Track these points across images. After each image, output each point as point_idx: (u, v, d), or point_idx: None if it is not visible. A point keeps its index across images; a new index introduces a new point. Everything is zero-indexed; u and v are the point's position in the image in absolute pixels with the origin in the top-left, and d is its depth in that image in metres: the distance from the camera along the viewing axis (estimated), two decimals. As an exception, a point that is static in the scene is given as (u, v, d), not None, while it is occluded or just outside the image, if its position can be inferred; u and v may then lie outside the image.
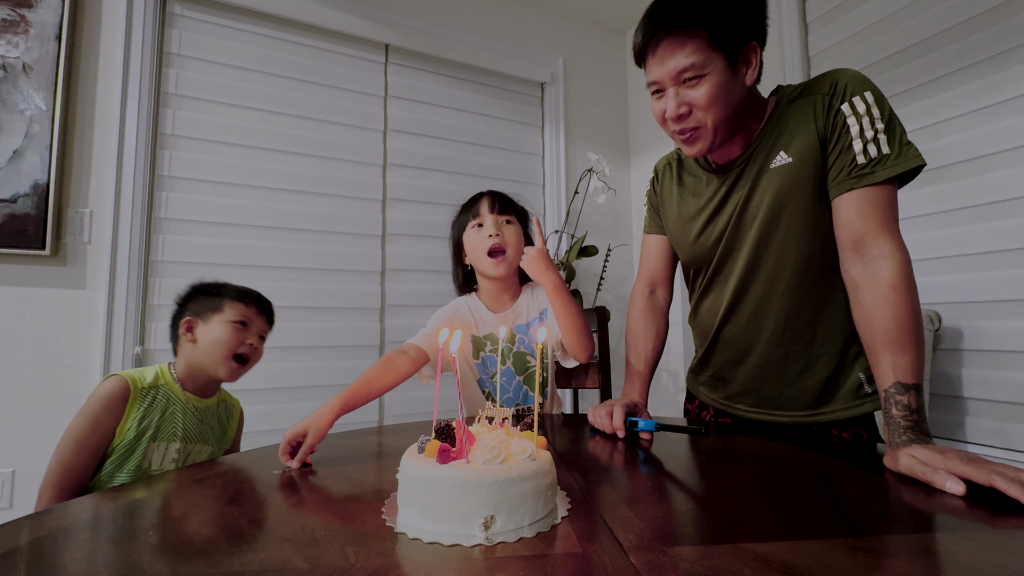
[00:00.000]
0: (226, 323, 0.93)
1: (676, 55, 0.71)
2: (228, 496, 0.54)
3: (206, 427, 0.94)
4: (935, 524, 0.43)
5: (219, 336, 0.92)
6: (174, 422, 0.88)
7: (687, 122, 0.75)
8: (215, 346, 0.92)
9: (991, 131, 1.33)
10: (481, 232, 1.01)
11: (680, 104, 0.73)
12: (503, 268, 1.01)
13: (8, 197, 1.40)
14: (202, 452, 0.93)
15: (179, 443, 0.88)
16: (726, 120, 0.74)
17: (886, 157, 0.67)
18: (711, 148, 0.77)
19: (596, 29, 2.44)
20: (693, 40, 0.70)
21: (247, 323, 0.96)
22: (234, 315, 0.94)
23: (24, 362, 1.41)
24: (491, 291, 1.08)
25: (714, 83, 0.71)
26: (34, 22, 1.45)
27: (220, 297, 0.96)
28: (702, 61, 0.70)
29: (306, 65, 1.84)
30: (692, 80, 0.72)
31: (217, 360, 0.92)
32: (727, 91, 0.72)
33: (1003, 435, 1.30)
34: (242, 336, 0.94)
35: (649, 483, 0.56)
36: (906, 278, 0.64)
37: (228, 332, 0.93)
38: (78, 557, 0.38)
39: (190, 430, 0.90)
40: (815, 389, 0.80)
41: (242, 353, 0.95)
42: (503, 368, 1.04)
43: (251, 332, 0.96)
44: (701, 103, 0.72)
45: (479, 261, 1.03)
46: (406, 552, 0.38)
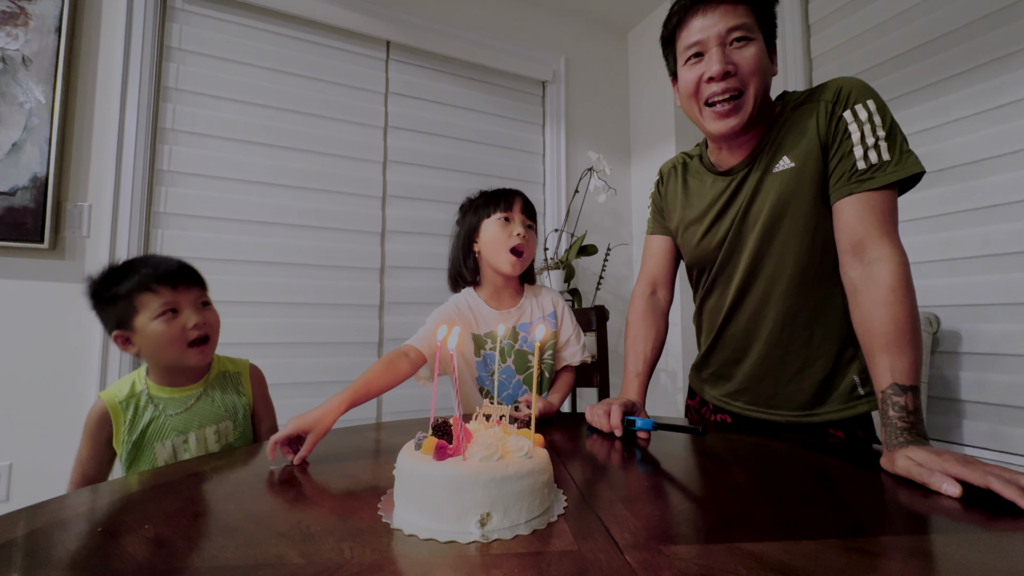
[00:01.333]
0: (153, 320, 0.80)
1: (727, 14, 0.74)
2: (225, 491, 0.54)
3: (207, 409, 0.88)
4: (931, 526, 0.43)
5: (157, 336, 0.80)
6: (166, 421, 0.85)
7: (730, 82, 0.74)
8: (160, 347, 0.81)
9: (993, 134, 1.33)
10: (508, 228, 1.02)
11: (726, 62, 0.73)
12: (520, 267, 1.03)
13: (7, 190, 1.40)
14: (220, 431, 0.88)
15: (182, 435, 0.85)
16: (760, 97, 0.76)
17: (886, 163, 0.68)
18: (744, 123, 0.76)
19: (598, 28, 2.44)
20: (742, 5, 0.74)
21: (175, 307, 0.82)
22: (155, 309, 0.81)
23: (21, 356, 1.41)
24: (495, 287, 1.07)
25: (759, 49, 0.75)
26: (34, 14, 1.45)
27: (125, 299, 0.81)
28: (752, 24, 0.74)
29: (307, 61, 1.83)
30: (741, 41, 0.74)
31: (175, 356, 0.83)
32: (765, 67, 0.76)
33: (998, 438, 1.31)
34: (179, 322, 0.82)
35: (646, 482, 0.56)
36: (904, 281, 0.65)
37: (161, 328, 0.80)
38: (73, 550, 0.38)
39: (187, 421, 0.87)
40: (810, 390, 0.80)
41: (194, 338, 0.83)
42: (503, 366, 1.04)
43: (186, 312, 0.83)
44: (747, 66, 0.74)
45: (497, 254, 1.02)
46: (401, 548, 0.38)
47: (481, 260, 1.07)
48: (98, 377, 1.46)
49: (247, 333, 1.67)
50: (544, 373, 1.07)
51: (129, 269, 0.83)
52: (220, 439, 0.89)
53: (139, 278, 0.81)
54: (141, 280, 0.81)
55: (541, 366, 1.06)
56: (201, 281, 0.89)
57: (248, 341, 1.66)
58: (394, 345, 1.89)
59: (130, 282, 0.81)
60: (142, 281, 0.81)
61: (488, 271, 1.07)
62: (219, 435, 0.89)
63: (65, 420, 1.44)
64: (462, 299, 1.07)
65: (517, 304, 1.08)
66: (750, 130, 0.79)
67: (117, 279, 0.82)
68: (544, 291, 1.13)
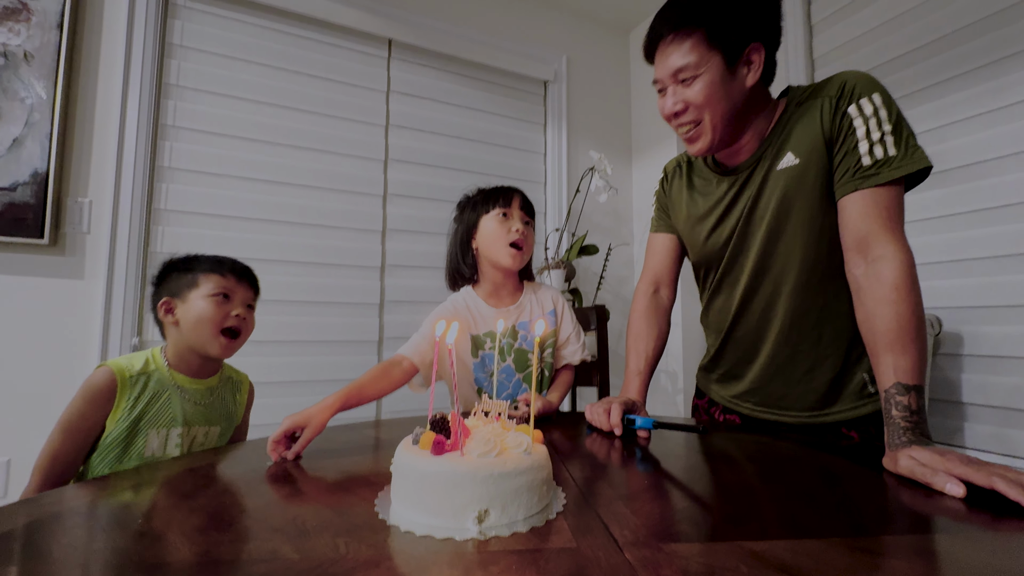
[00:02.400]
0: (205, 298, 0.87)
1: (673, 55, 0.74)
2: (220, 486, 0.53)
3: (210, 408, 0.91)
4: (934, 526, 0.43)
5: (201, 313, 0.86)
6: (171, 407, 0.85)
7: (684, 118, 0.77)
8: (199, 324, 0.86)
9: (996, 135, 1.32)
10: (506, 223, 1.02)
11: (676, 102, 0.76)
12: (519, 260, 1.02)
13: (7, 185, 1.39)
14: (209, 434, 0.90)
15: (180, 427, 0.85)
16: (725, 118, 0.76)
17: (892, 159, 0.67)
18: (712, 147, 0.78)
19: (600, 28, 2.44)
20: (690, 39, 0.73)
21: (229, 294, 0.89)
22: (212, 288, 0.88)
23: (20, 351, 1.41)
24: (494, 283, 1.07)
25: (708, 82, 0.73)
26: (36, 10, 1.45)
27: (193, 272, 0.89)
28: (697, 61, 0.73)
29: (309, 59, 1.83)
30: (687, 80, 0.74)
31: (205, 338, 0.87)
32: (723, 90, 0.74)
33: (1001, 440, 1.30)
34: (226, 309, 0.88)
35: (646, 480, 0.55)
36: (908, 279, 0.64)
37: (209, 307, 0.87)
38: (65, 544, 0.38)
39: (190, 413, 0.87)
40: (820, 390, 0.80)
41: (230, 327, 0.89)
42: (503, 365, 1.03)
43: (234, 303, 0.90)
44: (695, 101, 0.75)
45: (496, 249, 1.02)
46: (398, 544, 0.38)
47: (480, 257, 1.06)
48: (97, 373, 1.46)
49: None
50: (544, 371, 1.06)
51: (208, 256, 0.93)
52: (207, 441, 0.90)
53: (212, 261, 0.91)
54: (213, 262, 0.91)
55: (541, 364, 1.06)
56: (258, 288, 0.97)
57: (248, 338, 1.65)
58: (394, 343, 1.89)
59: (206, 263, 0.91)
60: (214, 262, 0.91)
61: (487, 268, 1.06)
62: (208, 437, 0.90)
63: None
64: (460, 299, 1.07)
65: (516, 302, 1.07)
66: (746, 130, 0.78)
67: (196, 258, 0.92)
68: (544, 288, 1.12)
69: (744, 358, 0.86)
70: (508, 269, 1.04)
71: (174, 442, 0.85)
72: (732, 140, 0.79)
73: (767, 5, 0.74)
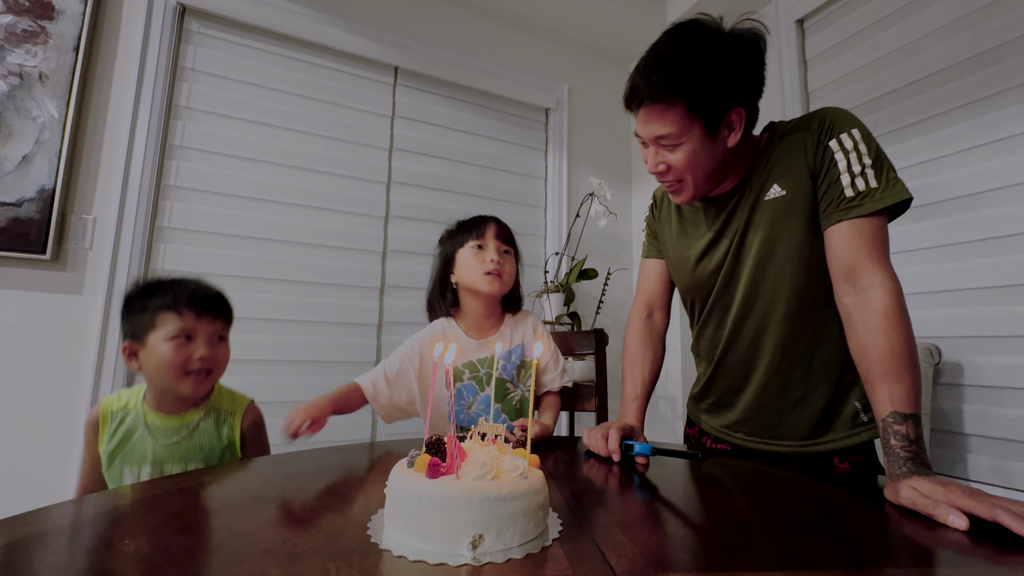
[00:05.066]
0: (164, 342, 0.80)
1: (653, 123, 0.75)
2: (209, 506, 0.52)
3: (185, 446, 0.85)
4: (937, 559, 0.42)
5: (161, 359, 0.80)
6: (141, 446, 0.82)
7: (667, 178, 0.79)
8: (160, 371, 0.80)
9: (988, 168, 1.35)
10: (482, 254, 1.01)
11: (658, 163, 0.78)
12: (498, 286, 1.01)
13: (13, 201, 1.41)
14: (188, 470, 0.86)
15: (149, 467, 0.82)
16: (706, 176, 0.78)
17: (874, 191, 0.69)
18: (694, 199, 0.81)
19: (601, 59, 2.51)
20: (671, 111, 0.73)
21: (190, 335, 0.82)
22: (170, 330, 0.80)
23: (16, 365, 1.39)
24: (475, 315, 1.05)
25: (689, 149, 0.74)
26: (54, 33, 1.49)
27: (149, 311, 0.81)
28: (678, 131, 0.73)
29: (317, 84, 1.88)
30: (669, 146, 0.76)
31: (170, 383, 0.81)
32: (705, 155, 0.75)
33: (1001, 473, 1.28)
34: (187, 352, 0.81)
35: (643, 508, 0.54)
36: (898, 307, 0.64)
37: (169, 353, 0.80)
38: (48, 564, 0.37)
39: (160, 453, 0.83)
40: (812, 419, 0.79)
41: (195, 368, 0.82)
42: (481, 395, 1.01)
43: (197, 343, 0.82)
44: (677, 165, 0.76)
45: (473, 278, 1.01)
46: (389, 570, 0.37)
47: (460, 290, 1.05)
48: (90, 391, 1.45)
49: (244, 349, 1.65)
50: (525, 399, 1.04)
51: (168, 286, 0.84)
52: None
53: (171, 297, 0.82)
54: (171, 300, 0.82)
55: (516, 391, 1.04)
56: (228, 316, 0.89)
57: (245, 357, 1.64)
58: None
59: (161, 298, 0.82)
60: (171, 301, 0.82)
61: (468, 301, 1.05)
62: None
63: (54, 432, 1.41)
64: (439, 326, 1.06)
65: (497, 332, 1.06)
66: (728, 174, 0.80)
67: (152, 292, 0.83)
68: (525, 318, 1.11)
69: (734, 387, 0.86)
70: (489, 295, 1.02)
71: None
72: (716, 185, 0.82)
73: (748, 67, 0.73)
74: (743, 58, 0.73)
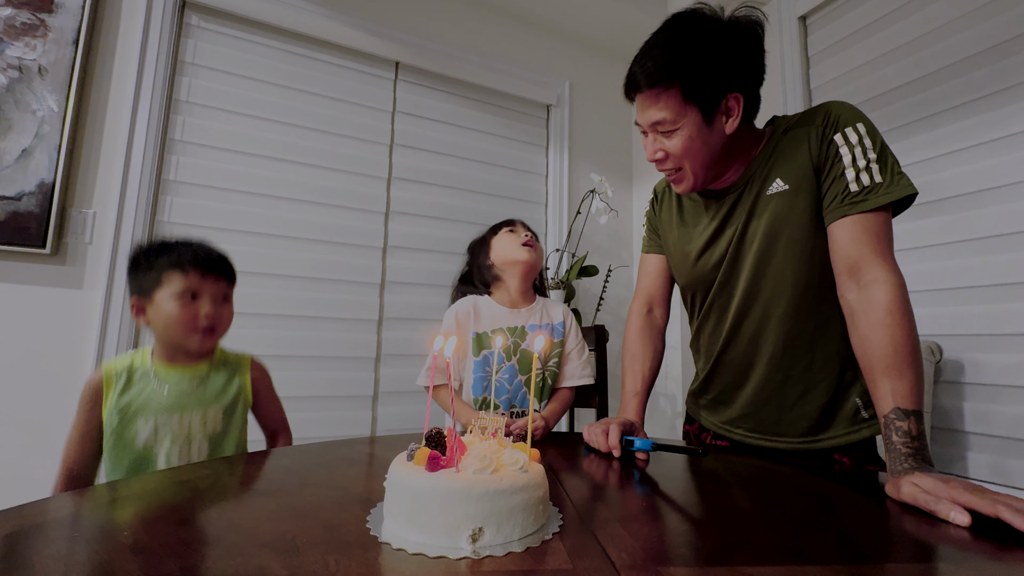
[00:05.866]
0: (171, 299, 0.83)
1: (650, 109, 0.75)
2: (209, 499, 0.52)
3: (201, 392, 0.88)
4: (939, 555, 0.42)
5: (168, 315, 0.83)
6: (156, 396, 0.84)
7: (665, 165, 0.79)
8: (168, 327, 0.84)
9: (991, 166, 1.34)
10: (516, 234, 1.12)
11: (656, 150, 0.78)
12: (534, 254, 1.10)
13: (12, 195, 1.41)
14: (210, 417, 0.87)
15: (169, 415, 0.84)
16: (706, 164, 0.78)
17: (878, 186, 0.68)
18: (695, 188, 0.81)
19: (602, 55, 2.50)
20: (666, 95, 0.73)
21: (196, 293, 0.85)
22: (177, 288, 0.83)
23: (14, 360, 1.39)
24: (511, 289, 1.11)
25: (686, 135, 0.75)
26: (53, 27, 1.48)
27: (156, 269, 0.85)
28: (673, 116, 0.74)
29: (317, 79, 1.87)
30: (666, 132, 0.76)
31: (179, 339, 0.85)
32: (702, 141, 0.75)
33: (1001, 471, 1.28)
34: (194, 308, 0.84)
35: (644, 502, 0.54)
36: (901, 303, 0.64)
37: (176, 310, 0.83)
38: (47, 555, 0.37)
39: (178, 400, 0.85)
40: (813, 415, 0.79)
41: (203, 327, 0.85)
42: (507, 365, 1.05)
43: (203, 300, 0.86)
44: (674, 152, 0.76)
45: (511, 251, 1.10)
46: (389, 563, 0.37)
47: (496, 269, 1.12)
48: (90, 385, 1.44)
49: (245, 343, 1.65)
50: (547, 380, 1.07)
51: (173, 246, 0.87)
52: (205, 426, 0.86)
53: (176, 256, 0.85)
54: (177, 258, 0.85)
55: (544, 372, 1.08)
56: (231, 277, 0.92)
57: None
58: (391, 360, 1.88)
59: (167, 257, 0.85)
60: (177, 260, 0.85)
61: (505, 275, 1.11)
62: (204, 422, 0.87)
63: (55, 426, 1.40)
64: (468, 301, 1.10)
65: (529, 306, 1.11)
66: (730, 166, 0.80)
67: (159, 251, 0.86)
68: (556, 303, 1.17)
69: (734, 383, 0.86)
70: (526, 263, 1.09)
71: (163, 430, 0.83)
72: (717, 176, 0.81)
73: (745, 53, 0.73)
74: (740, 44, 0.73)
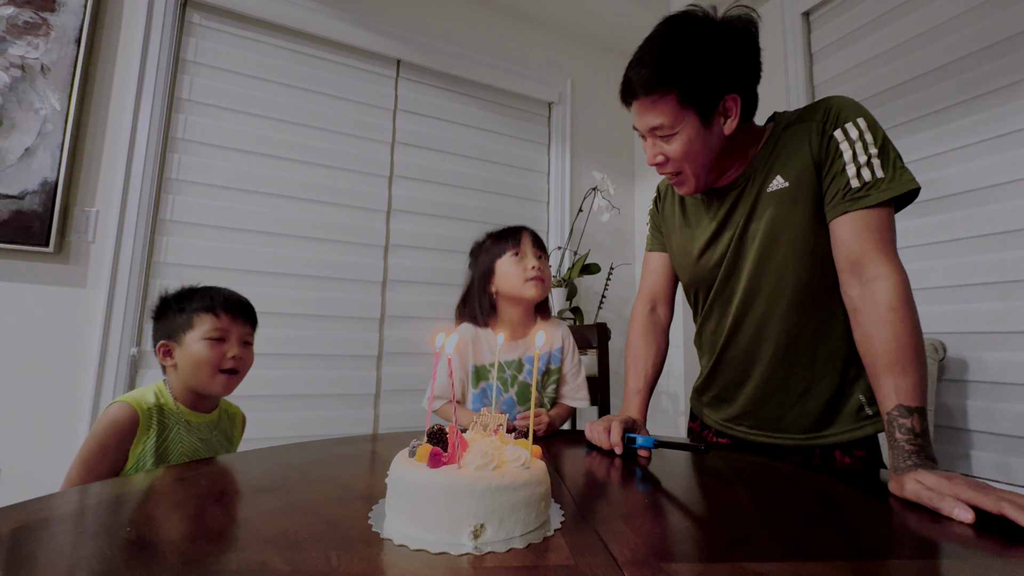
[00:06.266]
0: (200, 341, 0.87)
1: (647, 115, 0.75)
2: (212, 496, 0.52)
3: (213, 442, 0.92)
4: (942, 551, 0.42)
5: (197, 356, 0.86)
6: (181, 442, 0.86)
7: (666, 168, 0.79)
8: (196, 367, 0.87)
9: (994, 163, 1.34)
10: (522, 262, 1.05)
11: (655, 154, 0.78)
12: (540, 290, 1.04)
13: (16, 194, 1.41)
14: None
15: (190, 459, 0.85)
16: (706, 166, 0.78)
17: (880, 181, 0.68)
18: (698, 189, 0.81)
19: (604, 52, 2.49)
20: (663, 101, 0.73)
21: (224, 336, 0.89)
22: (207, 331, 0.87)
23: (18, 358, 1.40)
24: (511, 321, 1.07)
25: (685, 139, 0.74)
26: (55, 25, 1.49)
27: (186, 312, 0.89)
28: (671, 121, 0.74)
29: (318, 77, 1.87)
30: (664, 137, 0.75)
31: (204, 379, 0.87)
32: (701, 144, 0.75)
33: (1005, 469, 1.27)
34: (221, 350, 0.88)
35: (646, 499, 0.54)
36: (904, 299, 0.64)
37: (204, 350, 0.86)
38: (50, 550, 0.37)
39: (198, 447, 0.88)
40: (816, 412, 0.79)
41: (228, 368, 0.89)
42: (505, 396, 1.03)
43: (231, 343, 0.90)
44: (674, 156, 0.76)
45: (516, 285, 1.04)
46: (390, 558, 0.37)
47: (499, 298, 1.07)
48: (93, 383, 1.45)
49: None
50: (545, 406, 1.06)
51: (203, 291, 0.92)
52: None
53: (208, 300, 0.90)
54: (209, 302, 0.90)
55: (542, 396, 1.06)
56: (254, 321, 0.96)
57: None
58: (393, 358, 1.89)
59: (199, 301, 0.90)
60: (208, 303, 0.90)
61: (506, 308, 1.07)
62: None
63: (58, 425, 1.42)
64: (468, 332, 1.06)
65: (526, 336, 1.08)
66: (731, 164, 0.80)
67: (189, 295, 0.91)
68: (554, 327, 1.13)
69: (736, 380, 0.86)
70: (532, 300, 1.05)
71: None
72: (718, 175, 0.81)
73: (740, 53, 0.73)
74: (734, 44, 0.72)
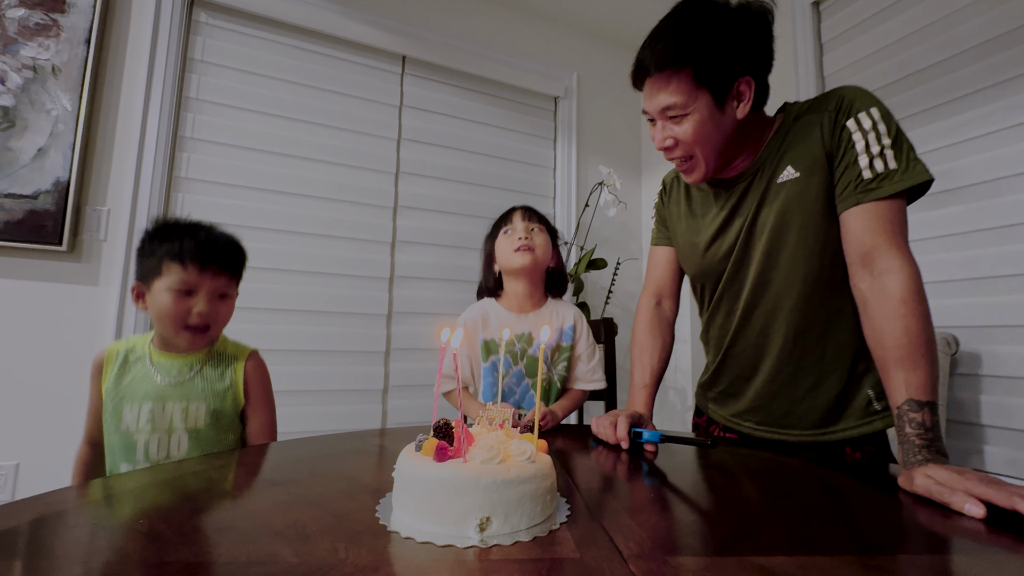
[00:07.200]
0: (166, 291, 0.80)
1: (660, 93, 0.74)
2: (222, 489, 0.53)
3: (189, 385, 0.85)
4: (953, 547, 0.41)
5: (160, 308, 0.80)
6: (144, 383, 0.83)
7: (675, 153, 0.77)
8: (160, 320, 0.81)
9: (1009, 153, 1.31)
10: (511, 236, 1.08)
11: (665, 137, 0.76)
12: (529, 258, 1.05)
13: (30, 193, 1.43)
14: (191, 412, 0.84)
15: (151, 403, 0.82)
16: (717, 151, 0.76)
17: (893, 172, 0.67)
18: (707, 176, 0.79)
19: (610, 45, 2.47)
20: (677, 79, 0.72)
21: (192, 289, 0.81)
22: (173, 282, 0.80)
23: (33, 356, 1.43)
24: (516, 295, 1.10)
25: (697, 120, 0.73)
26: (65, 26, 1.50)
27: (156, 256, 0.81)
28: (684, 100, 0.72)
29: (325, 74, 1.87)
30: (676, 118, 0.74)
31: (168, 333, 0.82)
32: (713, 126, 0.73)
33: (1018, 465, 1.25)
34: (187, 305, 0.81)
35: (652, 493, 0.54)
36: (916, 292, 0.63)
37: (168, 304, 0.80)
38: (67, 541, 0.38)
39: (163, 389, 0.83)
40: (824, 407, 0.78)
41: (193, 324, 0.81)
42: (514, 369, 1.05)
43: (197, 298, 0.82)
44: (685, 138, 0.74)
45: (507, 259, 1.07)
46: (397, 551, 0.37)
47: (503, 276, 1.12)
48: (108, 379, 1.47)
49: (255, 339, 1.67)
50: (555, 384, 1.06)
51: (179, 232, 0.83)
52: (186, 419, 0.84)
53: (178, 246, 0.81)
54: (178, 249, 0.81)
55: (551, 375, 1.07)
56: (234, 270, 0.88)
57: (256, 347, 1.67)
58: (400, 354, 1.90)
59: (170, 245, 0.81)
60: (177, 251, 0.81)
61: (509, 283, 1.11)
62: (186, 416, 0.84)
63: (73, 421, 1.44)
64: (479, 305, 1.11)
65: (537, 311, 1.10)
66: (740, 153, 0.79)
67: (165, 235, 0.83)
68: (568, 306, 1.14)
69: (743, 375, 0.85)
70: (522, 268, 1.06)
71: (145, 418, 0.81)
72: (727, 164, 0.80)
73: (755, 38, 0.72)
74: (750, 28, 0.71)
